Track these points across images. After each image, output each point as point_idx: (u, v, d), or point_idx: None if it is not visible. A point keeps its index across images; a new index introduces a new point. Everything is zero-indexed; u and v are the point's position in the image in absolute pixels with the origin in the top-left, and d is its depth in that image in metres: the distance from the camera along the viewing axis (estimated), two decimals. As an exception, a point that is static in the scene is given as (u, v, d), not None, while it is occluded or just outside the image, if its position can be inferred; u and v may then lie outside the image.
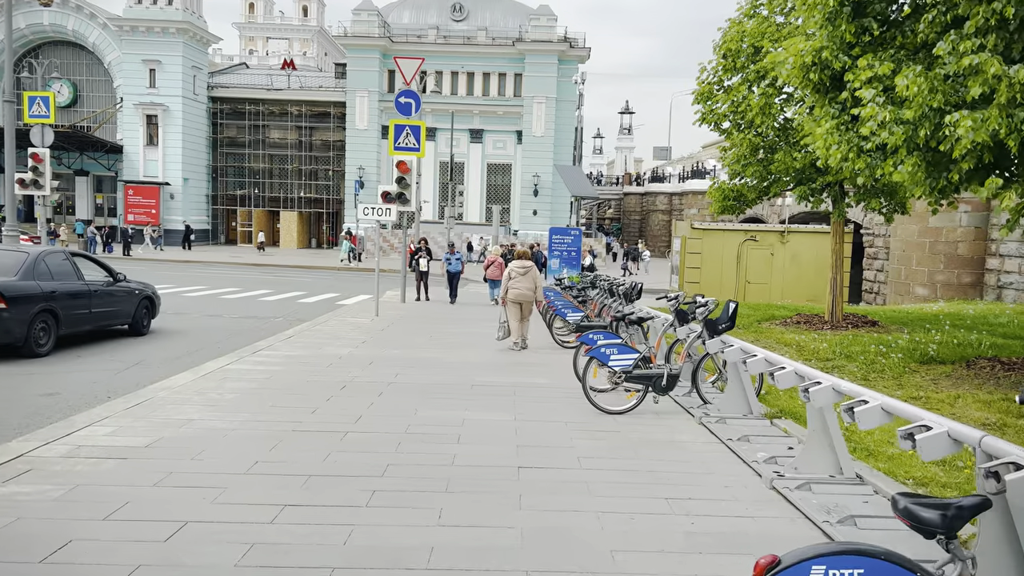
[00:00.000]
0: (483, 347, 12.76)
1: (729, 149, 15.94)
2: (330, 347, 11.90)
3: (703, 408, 7.88)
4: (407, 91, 20.18)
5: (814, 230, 26.43)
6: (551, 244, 22.12)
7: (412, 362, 10.85)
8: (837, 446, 5.42)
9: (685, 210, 52.18)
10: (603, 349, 7.76)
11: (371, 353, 11.51)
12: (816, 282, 25.42)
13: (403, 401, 8.19)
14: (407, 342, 12.98)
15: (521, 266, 12.77)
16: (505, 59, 50.14)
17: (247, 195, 54.63)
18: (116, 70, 50.38)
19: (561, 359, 11.73)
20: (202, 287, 23.93)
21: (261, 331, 14.51)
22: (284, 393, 8.39)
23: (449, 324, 16.16)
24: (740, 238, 25.42)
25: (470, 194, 50.77)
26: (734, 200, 15.44)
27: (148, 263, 36.42)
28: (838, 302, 15.12)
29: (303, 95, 53.64)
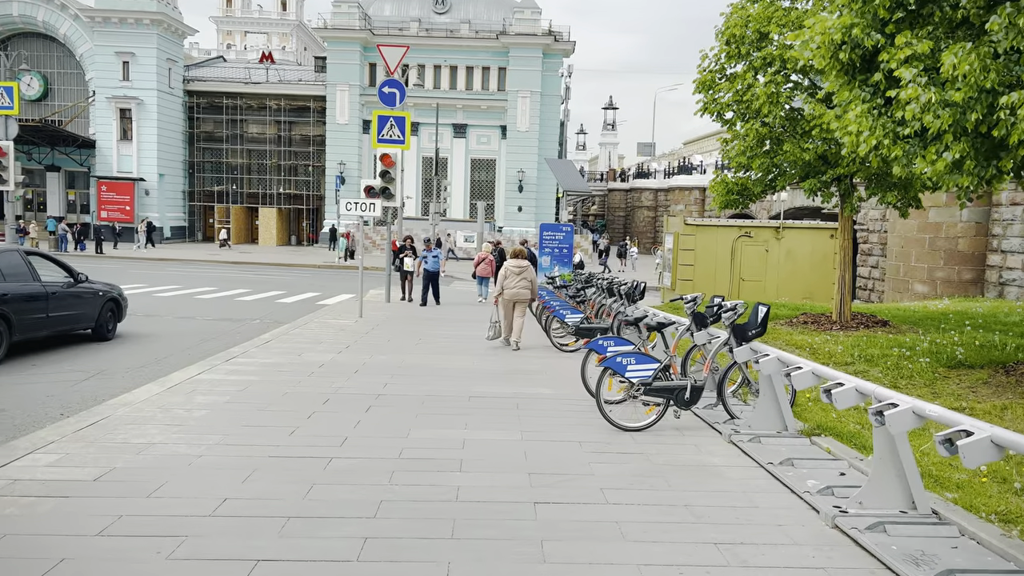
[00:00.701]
0: (477, 351, 11.90)
1: (731, 141, 15.16)
2: (311, 353, 10.98)
3: (731, 424, 7.06)
4: (391, 80, 19.24)
5: (810, 226, 25.78)
6: (542, 241, 21.27)
7: (401, 369, 9.97)
8: (910, 477, 4.62)
9: (671, 206, 51.54)
10: (619, 359, 6.92)
11: (356, 359, 10.60)
12: (812, 279, 24.80)
13: (394, 418, 7.31)
14: (394, 346, 12.09)
15: (517, 265, 12.48)
16: (489, 52, 49.20)
17: (225, 191, 53.37)
18: (88, 63, 48.88)
19: (561, 364, 10.90)
20: (176, 287, 22.86)
21: (237, 335, 13.54)
22: (259, 409, 7.47)
23: (438, 326, 15.28)
24: (734, 234, 24.70)
25: (454, 190, 49.79)
26: (737, 195, 14.66)
27: (122, 261, 35.19)
28: (846, 301, 14.40)
29: (282, 89, 52.38)
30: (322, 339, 12.47)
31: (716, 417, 7.36)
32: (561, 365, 10.83)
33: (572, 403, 8.22)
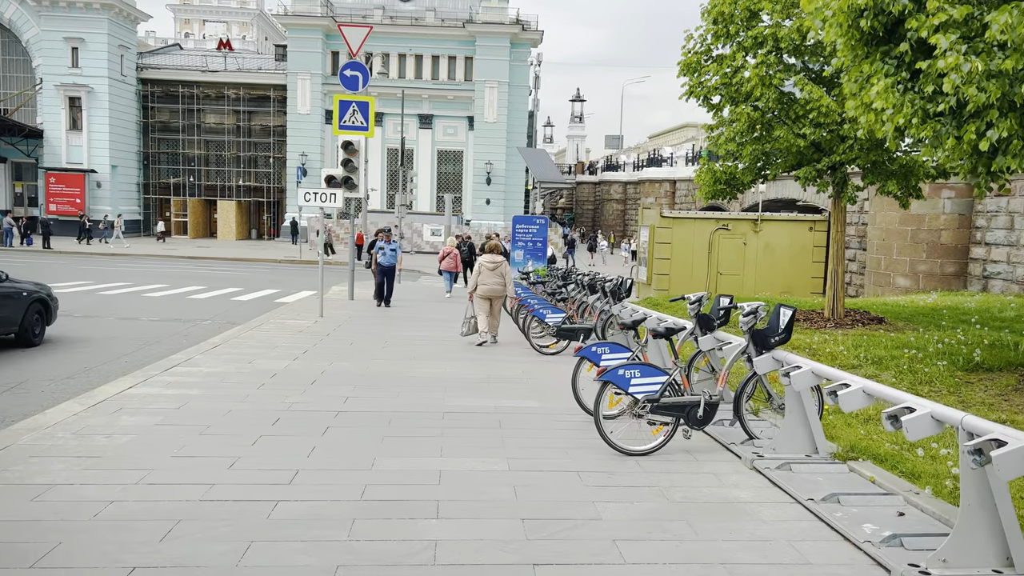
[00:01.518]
0: (449, 354, 10.80)
1: (717, 127, 14.24)
2: (264, 359, 9.79)
3: (750, 445, 6.08)
4: (353, 63, 18.02)
5: (788, 218, 25.09)
6: (515, 234, 20.22)
7: (365, 379, 8.84)
8: (1007, 525, 3.66)
9: (641, 199, 50.80)
10: (621, 371, 5.89)
11: (314, 367, 9.45)
12: (791, 273, 24.12)
13: (356, 442, 6.20)
14: (358, 351, 10.95)
15: (492, 261, 12.16)
16: (455, 42, 47.94)
17: (181, 183, 51.42)
18: (35, 49, 46.63)
19: (543, 369, 9.86)
20: (125, 283, 21.38)
21: (184, 338, 12.28)
22: (197, 433, 6.31)
23: (405, 325, 14.15)
24: (711, 227, 23.90)
25: (420, 183, 48.45)
26: (725, 184, 13.74)
27: (73, 256, 33.41)
28: (839, 297, 13.57)
29: (241, 77, 50.56)
30: (277, 343, 11.27)
31: (731, 436, 6.37)
32: (543, 370, 9.79)
33: (562, 419, 7.19)
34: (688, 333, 7.34)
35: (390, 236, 17.21)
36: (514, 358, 10.85)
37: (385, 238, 17.01)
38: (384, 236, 17.11)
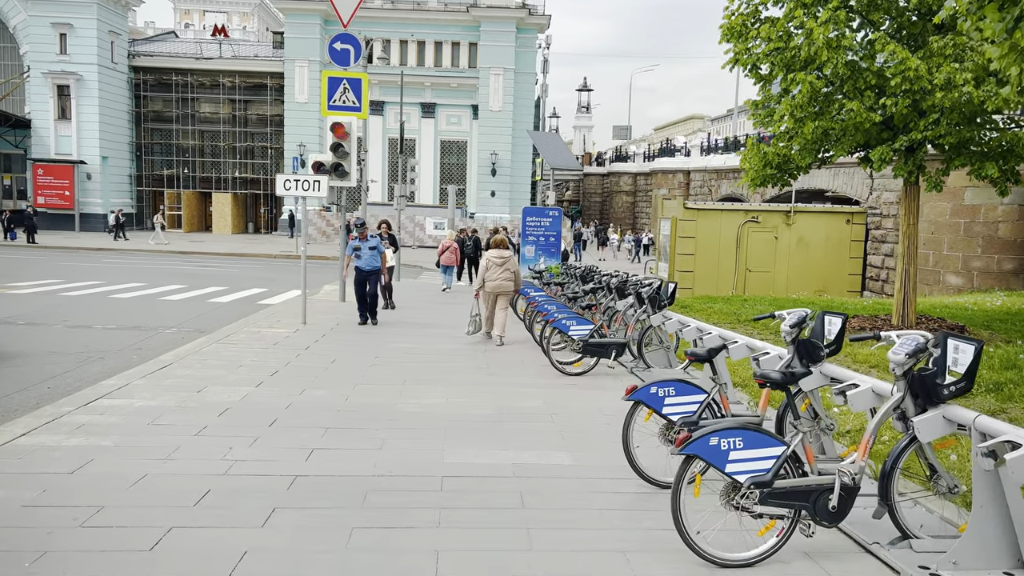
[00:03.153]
0: (453, 376, 8.79)
1: (763, 103, 12.19)
2: (219, 387, 7.79)
3: (906, 548, 4.03)
4: (344, 35, 15.98)
5: (824, 209, 23.00)
6: (525, 227, 18.18)
7: (342, 416, 6.83)
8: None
9: (654, 190, 48.66)
10: (714, 439, 3.82)
11: (280, 397, 7.44)
12: (826, 270, 22.04)
13: (312, 542, 4.19)
14: (340, 370, 8.94)
15: (499, 256, 11.55)
16: (459, 27, 45.78)
17: (175, 175, 49.49)
18: (22, 35, 44.64)
19: (569, 398, 7.83)
20: (98, 282, 19.41)
21: (135, 353, 10.29)
22: (75, 524, 4.31)
23: (399, 334, 12.14)
24: (740, 219, 21.83)
25: (423, 174, 46.35)
26: (777, 169, 11.67)
27: (56, 252, 31.46)
28: (911, 301, 11.53)
29: (236, 65, 48.54)
30: (243, 360, 9.26)
31: (872, 530, 4.30)
32: (569, 400, 7.77)
33: (608, 487, 5.17)
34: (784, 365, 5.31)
35: (366, 232, 13.33)
36: (530, 378, 8.84)
37: (361, 234, 13.20)
38: (360, 231, 13.23)
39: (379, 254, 13.26)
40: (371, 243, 13.19)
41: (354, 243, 13.08)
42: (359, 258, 12.99)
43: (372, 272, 13.08)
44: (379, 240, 13.47)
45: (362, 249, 13.04)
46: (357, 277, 13.06)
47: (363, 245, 13.08)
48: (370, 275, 13.06)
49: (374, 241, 13.29)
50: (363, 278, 13.02)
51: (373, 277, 13.12)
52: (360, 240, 13.13)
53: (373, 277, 13.12)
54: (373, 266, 13.07)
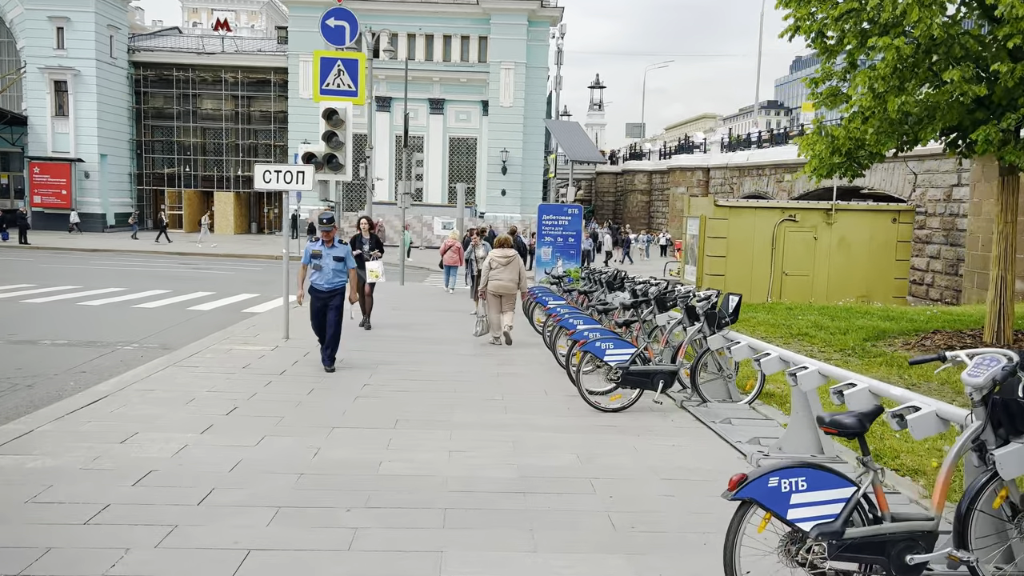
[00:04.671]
0: (456, 413, 6.92)
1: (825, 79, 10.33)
2: (152, 433, 5.97)
3: None
4: (337, 10, 14.26)
5: (868, 207, 21.07)
6: (541, 226, 16.32)
7: (303, 488, 4.97)
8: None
9: (671, 189, 46.69)
10: None
11: (226, 450, 5.61)
12: (870, 273, 20.10)
13: None
14: (315, 407, 7.11)
15: (503, 255, 11.13)
16: (468, 20, 43.96)
17: (176, 174, 47.96)
18: (19, 29, 43.16)
19: (613, 450, 5.95)
20: (73, 287, 17.71)
21: (75, 377, 8.51)
22: None
23: (397, 351, 10.31)
24: (776, 218, 19.91)
25: (431, 172, 44.66)
26: (847, 156, 9.78)
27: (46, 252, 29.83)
28: (1009, 315, 9.63)
29: (239, 60, 46.96)
30: (199, 391, 7.45)
31: None
32: (612, 452, 5.90)
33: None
34: (973, 433, 3.43)
35: (333, 233, 9.15)
36: (555, 416, 6.98)
37: (325, 236, 9.07)
38: (324, 229, 9.07)
39: (347, 268, 9.13)
40: (337, 251, 9.05)
41: (313, 248, 9.07)
42: (318, 272, 8.99)
43: (334, 294, 8.98)
44: (349, 249, 9.32)
45: (324, 259, 8.96)
46: (313, 302, 9.07)
47: (326, 253, 9.00)
48: (332, 298, 8.96)
49: (341, 249, 9.12)
50: (322, 304, 8.97)
51: (336, 302, 9.01)
52: (324, 245, 9.05)
53: (336, 302, 9.01)
54: (336, 285, 8.99)
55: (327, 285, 8.97)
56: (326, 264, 8.95)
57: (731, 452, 5.96)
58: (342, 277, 9.09)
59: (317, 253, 8.99)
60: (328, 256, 8.99)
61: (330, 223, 9.06)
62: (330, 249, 9.05)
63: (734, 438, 6.19)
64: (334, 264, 8.99)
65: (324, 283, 8.95)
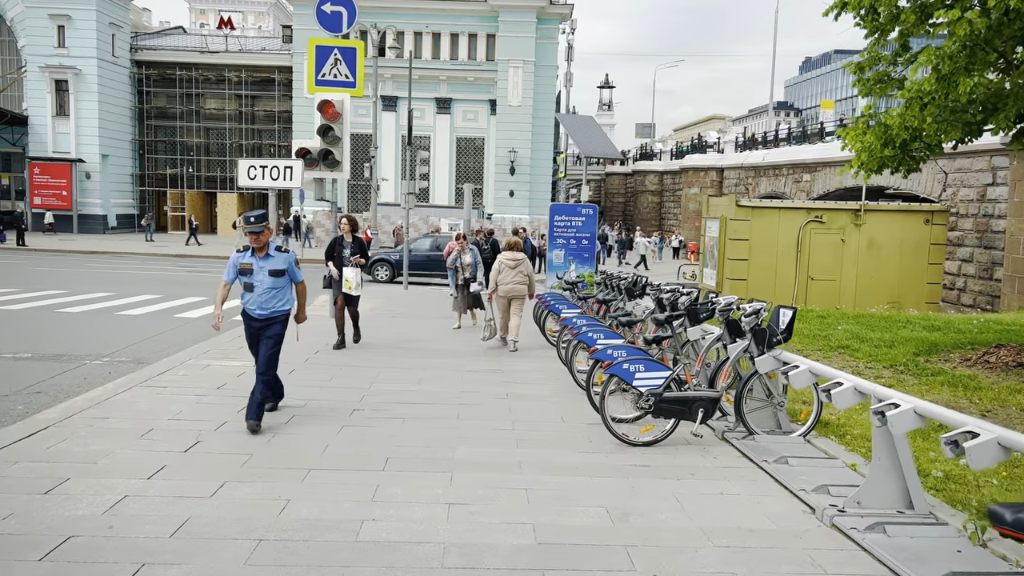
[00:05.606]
0: (461, 453, 5.82)
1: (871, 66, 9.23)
2: (86, 480, 4.91)
3: None
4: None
5: (899, 208, 19.89)
6: (552, 227, 15.22)
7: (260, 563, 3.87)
8: None
9: (684, 189, 45.48)
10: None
11: (174, 504, 4.53)
12: (901, 278, 18.93)
13: None
14: (291, 442, 6.05)
15: (512, 258, 11.01)
16: (476, 17, 42.91)
17: (179, 174, 47.12)
18: (19, 28, 42.36)
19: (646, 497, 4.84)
20: (58, 292, 16.73)
21: (26, 400, 7.44)
22: None
23: (394, 366, 9.25)
24: (801, 219, 18.77)
25: (437, 172, 43.62)
26: (900, 148, 8.66)
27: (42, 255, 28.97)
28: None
29: (243, 59, 46.08)
30: (159, 419, 6.40)
31: None
32: (650, 506, 4.79)
33: None
34: None
35: (266, 238, 6.54)
36: (577, 452, 5.88)
37: (255, 240, 6.47)
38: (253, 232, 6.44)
39: (290, 286, 6.65)
40: (273, 262, 6.48)
41: (241, 260, 6.50)
42: (249, 292, 6.48)
43: (271, 323, 6.51)
44: (292, 257, 6.69)
45: (255, 274, 6.44)
46: (247, 327, 6.64)
47: (258, 266, 6.46)
48: (268, 327, 6.51)
49: (280, 259, 6.53)
50: (255, 332, 6.57)
51: (274, 330, 6.53)
52: (254, 255, 6.49)
53: (274, 330, 6.53)
54: (274, 311, 6.50)
55: (259, 311, 6.46)
56: (259, 281, 6.43)
57: (794, 504, 4.87)
58: (283, 298, 6.56)
59: (246, 267, 6.43)
60: (261, 270, 6.44)
61: (260, 222, 6.39)
62: (263, 260, 6.47)
63: (796, 485, 5.09)
64: (270, 281, 6.44)
65: (256, 307, 6.47)
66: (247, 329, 6.66)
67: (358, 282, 10.28)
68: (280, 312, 6.55)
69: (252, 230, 6.41)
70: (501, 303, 11.12)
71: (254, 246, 6.48)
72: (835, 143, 32.00)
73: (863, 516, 4.44)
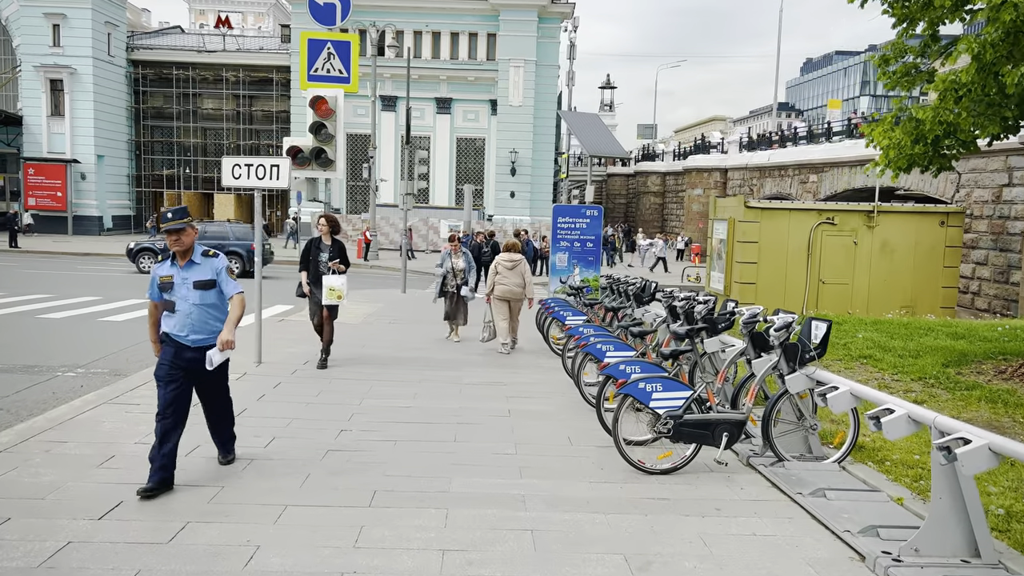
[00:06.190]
0: (458, 484, 5.16)
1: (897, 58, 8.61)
2: (28, 519, 4.25)
3: None
4: (328, -15, 12.59)
5: (913, 209, 19.25)
6: (556, 229, 14.62)
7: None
8: None
9: (687, 190, 44.81)
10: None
11: (124, 550, 3.90)
12: (915, 282, 18.30)
13: None
14: (268, 469, 5.43)
15: (509, 259, 10.97)
16: (476, 16, 42.37)
17: (176, 175, 46.61)
18: (14, 27, 41.81)
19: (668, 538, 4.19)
20: (42, 296, 16.12)
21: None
22: None
23: (386, 380, 8.63)
24: (812, 221, 18.13)
25: (437, 173, 43.04)
26: (931, 146, 8.05)
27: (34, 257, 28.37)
28: None
29: (241, 58, 45.55)
30: (124, 444, 5.77)
31: None
32: (673, 551, 4.19)
33: None
34: None
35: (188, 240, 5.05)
36: (588, 482, 5.27)
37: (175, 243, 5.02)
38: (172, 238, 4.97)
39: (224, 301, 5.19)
40: (198, 270, 5.07)
41: (160, 273, 5.10)
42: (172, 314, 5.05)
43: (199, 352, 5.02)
44: (222, 264, 5.17)
45: (176, 288, 5.03)
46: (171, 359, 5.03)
47: (180, 278, 5.05)
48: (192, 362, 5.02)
49: (208, 266, 5.11)
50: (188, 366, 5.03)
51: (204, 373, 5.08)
52: (174, 263, 5.09)
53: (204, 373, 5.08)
54: (208, 335, 5.06)
55: (191, 335, 4.98)
56: (182, 297, 4.97)
57: (839, 549, 4.24)
58: (221, 317, 5.11)
59: (166, 281, 4.98)
60: (184, 283, 4.98)
61: (179, 217, 4.93)
62: (186, 269, 5.00)
63: (839, 524, 4.46)
64: (196, 296, 4.98)
65: (185, 332, 4.97)
66: (174, 362, 4.97)
67: (346, 290, 9.24)
68: (204, 339, 5.04)
69: (172, 227, 4.88)
70: (499, 305, 11.10)
71: (175, 250, 5.01)
72: (843, 143, 31.41)
73: (923, 567, 3.83)
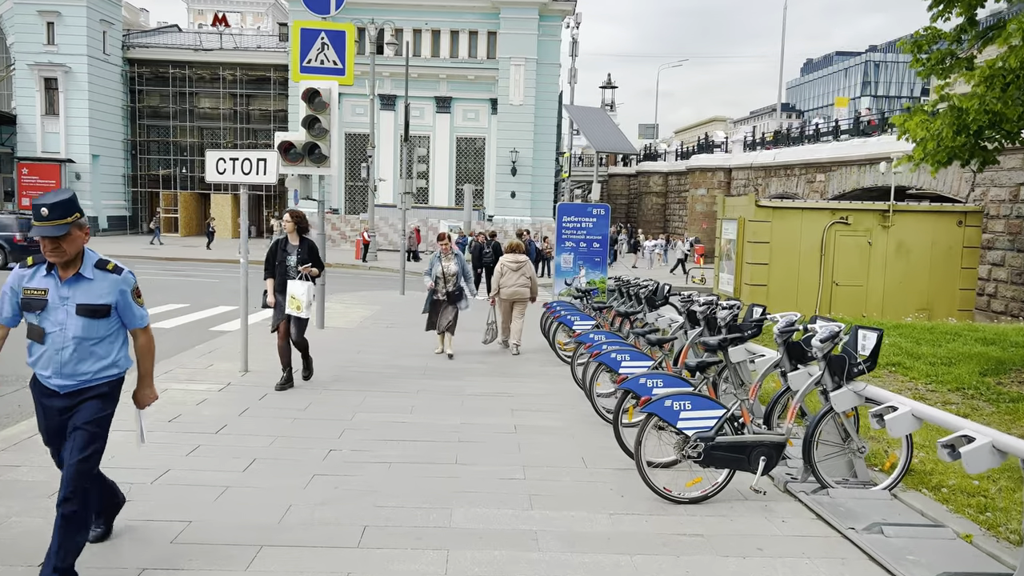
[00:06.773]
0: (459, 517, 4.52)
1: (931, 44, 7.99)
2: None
3: None
4: (321, -28, 12.00)
5: (930, 209, 18.65)
6: (560, 229, 13.99)
7: None
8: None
9: (690, 190, 44.21)
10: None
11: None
12: (932, 284, 17.68)
13: None
14: (245, 499, 4.80)
15: (514, 260, 10.83)
16: (476, 14, 41.73)
17: (172, 175, 45.94)
18: (8, 25, 41.21)
19: None
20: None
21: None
22: None
23: (380, 393, 8.00)
24: (825, 221, 17.52)
25: (437, 173, 42.40)
26: (974, 136, 7.43)
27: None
28: None
29: (238, 57, 44.90)
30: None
31: None
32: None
33: None
34: None
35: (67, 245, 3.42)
36: (607, 513, 4.64)
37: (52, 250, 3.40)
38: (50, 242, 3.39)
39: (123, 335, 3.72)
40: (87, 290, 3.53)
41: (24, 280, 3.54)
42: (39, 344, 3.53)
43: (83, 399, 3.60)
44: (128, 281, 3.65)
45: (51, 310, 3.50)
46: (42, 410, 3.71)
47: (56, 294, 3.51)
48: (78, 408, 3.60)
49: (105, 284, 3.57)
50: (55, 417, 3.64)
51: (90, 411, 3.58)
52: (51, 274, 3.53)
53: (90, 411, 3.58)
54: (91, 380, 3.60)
55: (60, 379, 3.56)
56: (56, 324, 3.52)
57: (908, 601, 3.61)
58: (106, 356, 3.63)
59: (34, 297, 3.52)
60: (64, 303, 3.53)
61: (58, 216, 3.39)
62: (70, 285, 3.54)
63: (904, 570, 3.82)
64: (80, 325, 3.53)
65: (53, 372, 3.56)
66: (40, 410, 3.70)
67: (308, 300, 7.74)
68: (101, 380, 3.60)
69: (45, 233, 3.37)
70: (503, 306, 11.04)
71: (52, 260, 3.47)
72: (851, 142, 30.80)
73: None
